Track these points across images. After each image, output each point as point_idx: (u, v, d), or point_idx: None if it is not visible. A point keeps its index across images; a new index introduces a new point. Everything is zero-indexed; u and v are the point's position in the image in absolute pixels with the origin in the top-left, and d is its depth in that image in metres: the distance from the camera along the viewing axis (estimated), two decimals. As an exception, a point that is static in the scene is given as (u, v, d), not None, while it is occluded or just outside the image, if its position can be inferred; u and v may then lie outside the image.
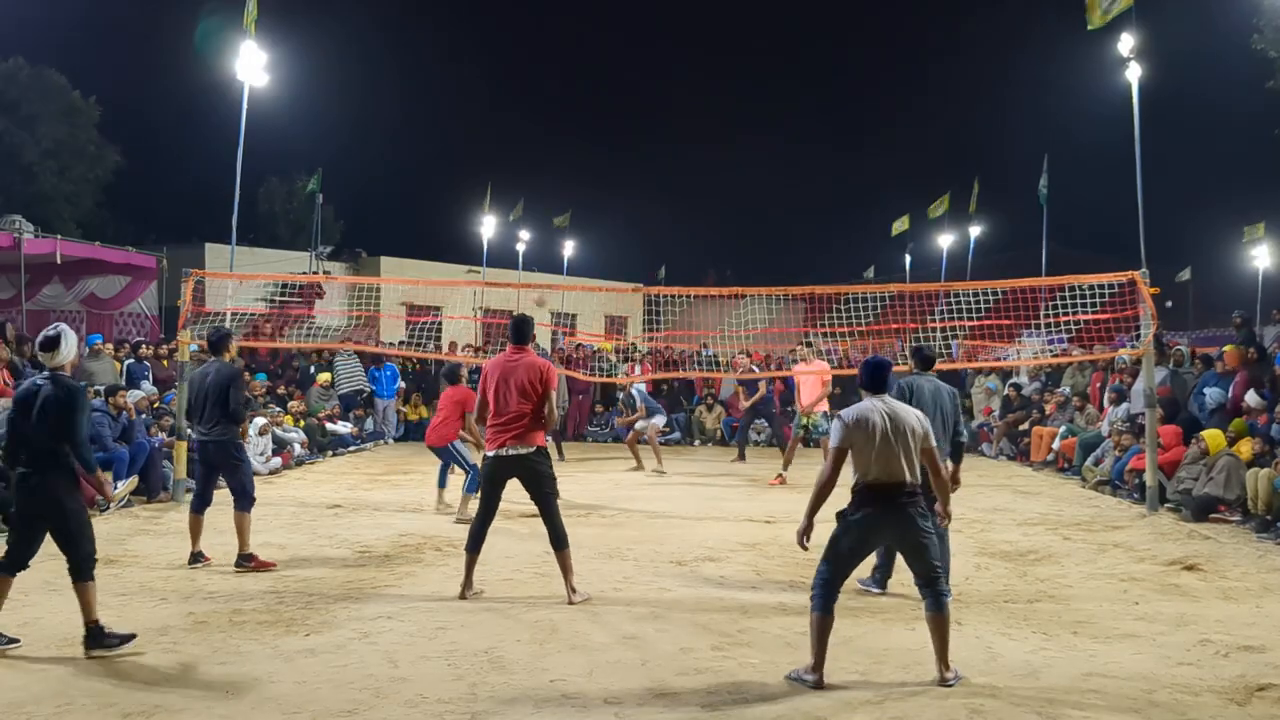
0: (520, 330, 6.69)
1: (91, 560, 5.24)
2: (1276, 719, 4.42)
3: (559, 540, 6.40)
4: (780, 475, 12.55)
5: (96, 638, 5.13)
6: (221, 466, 7.42)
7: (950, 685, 4.70)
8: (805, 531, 4.88)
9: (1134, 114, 12.35)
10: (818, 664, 4.73)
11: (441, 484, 10.31)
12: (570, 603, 6.24)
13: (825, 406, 12.96)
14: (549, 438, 8.25)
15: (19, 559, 5.29)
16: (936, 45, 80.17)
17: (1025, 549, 8.21)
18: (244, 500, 7.28)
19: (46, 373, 5.38)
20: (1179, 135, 41.38)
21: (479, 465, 8.99)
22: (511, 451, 6.38)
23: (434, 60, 73.42)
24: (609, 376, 17.48)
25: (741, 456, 15.16)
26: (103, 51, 47.67)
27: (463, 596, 6.40)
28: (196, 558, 7.30)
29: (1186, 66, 33.25)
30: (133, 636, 5.22)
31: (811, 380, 12.88)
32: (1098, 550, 8.19)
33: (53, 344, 5.40)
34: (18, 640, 5.22)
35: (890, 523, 4.80)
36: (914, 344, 7.71)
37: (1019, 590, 6.77)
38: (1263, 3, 20.71)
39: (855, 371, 5.68)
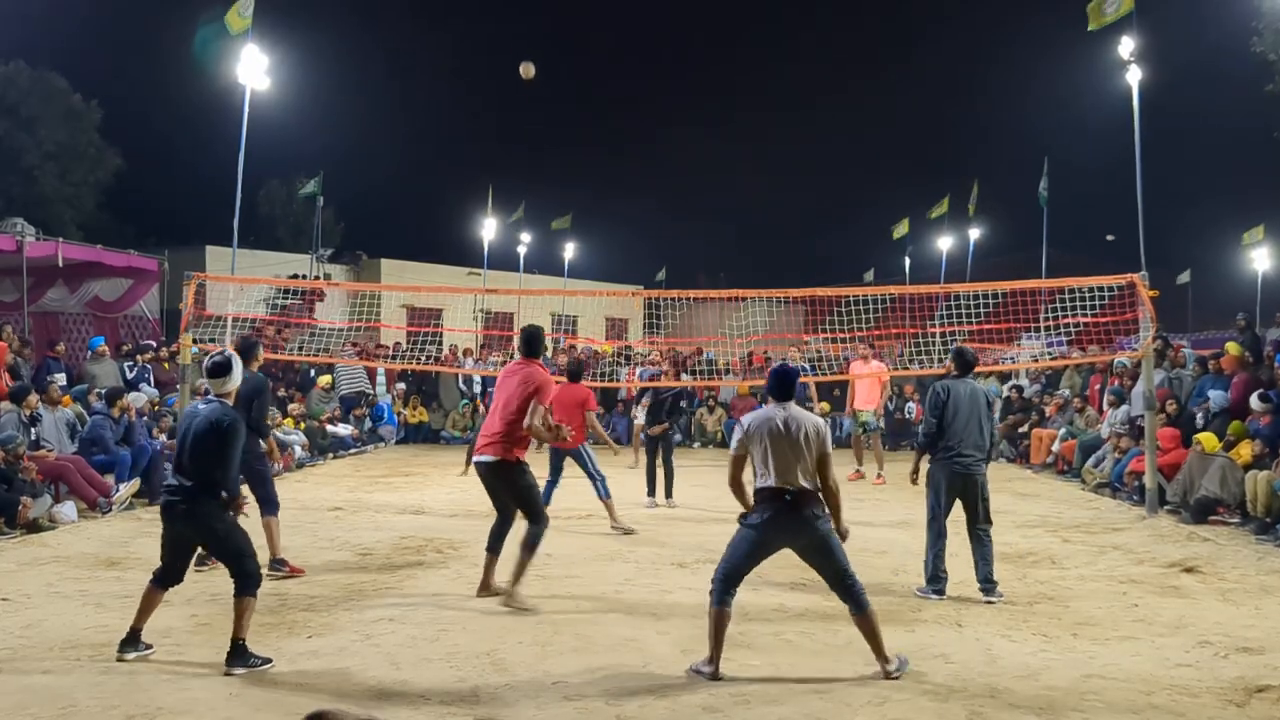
0: (527, 343, 6.74)
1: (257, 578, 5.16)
2: (1275, 720, 4.45)
3: (527, 541, 6.33)
4: (880, 475, 12.61)
5: (240, 654, 4.99)
6: (246, 477, 7.08)
7: (896, 677, 4.80)
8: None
9: (1134, 117, 12.38)
10: (713, 657, 4.88)
11: (603, 495, 9.29)
12: (506, 605, 6.18)
13: (875, 404, 13.03)
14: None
15: (170, 575, 5.31)
16: (936, 46, 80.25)
17: (1025, 551, 8.23)
18: (270, 506, 7.19)
19: (211, 397, 5.38)
20: (1179, 138, 41.35)
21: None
22: (480, 459, 6.45)
23: (435, 63, 73.52)
24: (611, 381, 17.50)
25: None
26: (103, 54, 47.56)
27: (479, 595, 6.41)
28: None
29: (1186, 69, 33.24)
30: (270, 660, 5.06)
31: (869, 381, 12.91)
32: (1097, 552, 8.21)
33: (223, 370, 5.34)
34: (151, 647, 5.19)
35: (785, 526, 4.88)
36: (956, 346, 7.62)
37: (1019, 592, 6.79)
38: (1262, 6, 20.73)
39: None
